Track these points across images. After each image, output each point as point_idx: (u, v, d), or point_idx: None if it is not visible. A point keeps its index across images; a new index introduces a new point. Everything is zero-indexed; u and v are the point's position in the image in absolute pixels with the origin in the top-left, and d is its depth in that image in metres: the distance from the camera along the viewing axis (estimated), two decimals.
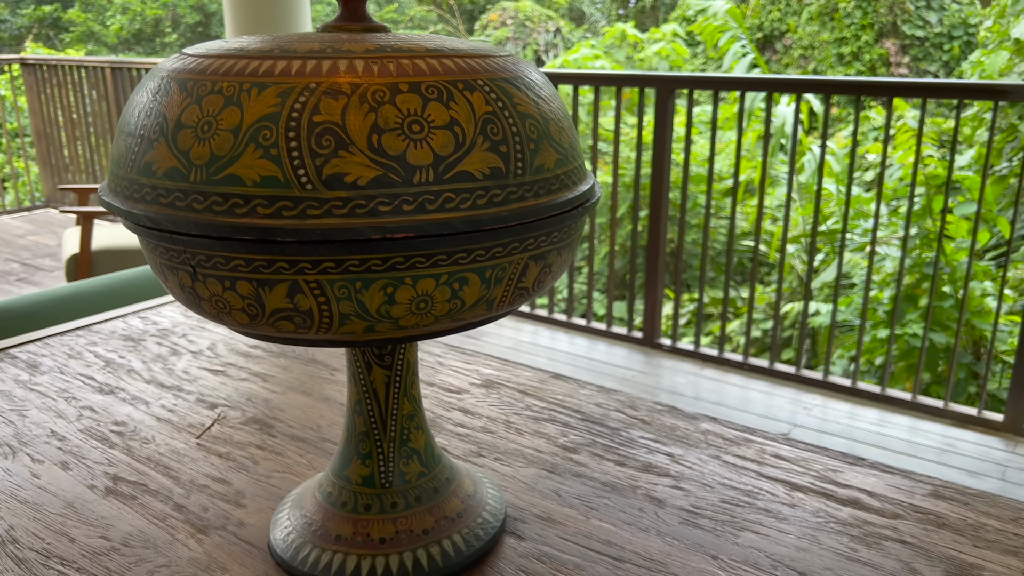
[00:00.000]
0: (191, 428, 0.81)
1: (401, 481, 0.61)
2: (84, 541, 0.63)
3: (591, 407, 0.86)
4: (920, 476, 0.72)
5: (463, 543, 0.61)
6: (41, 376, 0.93)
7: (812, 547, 0.62)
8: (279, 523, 0.63)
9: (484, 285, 0.48)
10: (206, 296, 0.47)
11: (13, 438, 0.79)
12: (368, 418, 0.60)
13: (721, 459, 0.75)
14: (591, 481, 0.72)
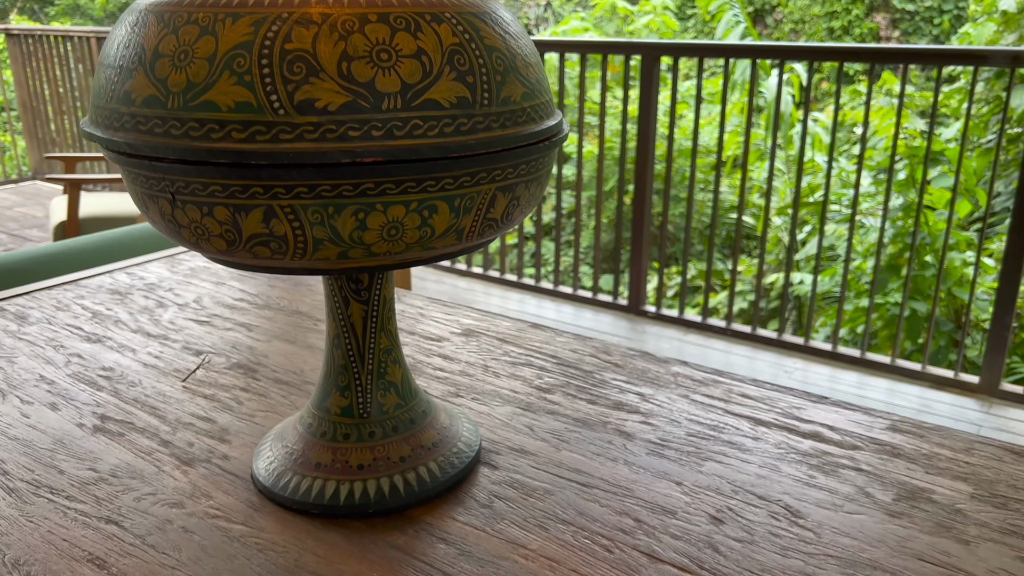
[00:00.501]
0: (177, 373, 0.84)
1: (378, 412, 0.63)
2: (73, 473, 0.66)
3: (567, 353, 0.89)
4: (879, 412, 0.75)
5: (438, 470, 0.63)
6: (30, 327, 0.95)
7: (772, 475, 0.65)
8: (261, 454, 0.66)
9: (453, 214, 0.50)
10: (185, 223, 0.49)
11: (2, 382, 0.81)
12: (346, 351, 0.62)
13: (689, 398, 0.78)
14: (563, 418, 0.75)
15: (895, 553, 0.56)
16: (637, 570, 0.54)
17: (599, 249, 3.58)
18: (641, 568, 0.54)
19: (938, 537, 0.58)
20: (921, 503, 0.61)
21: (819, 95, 7.65)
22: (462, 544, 0.57)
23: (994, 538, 0.57)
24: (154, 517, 0.60)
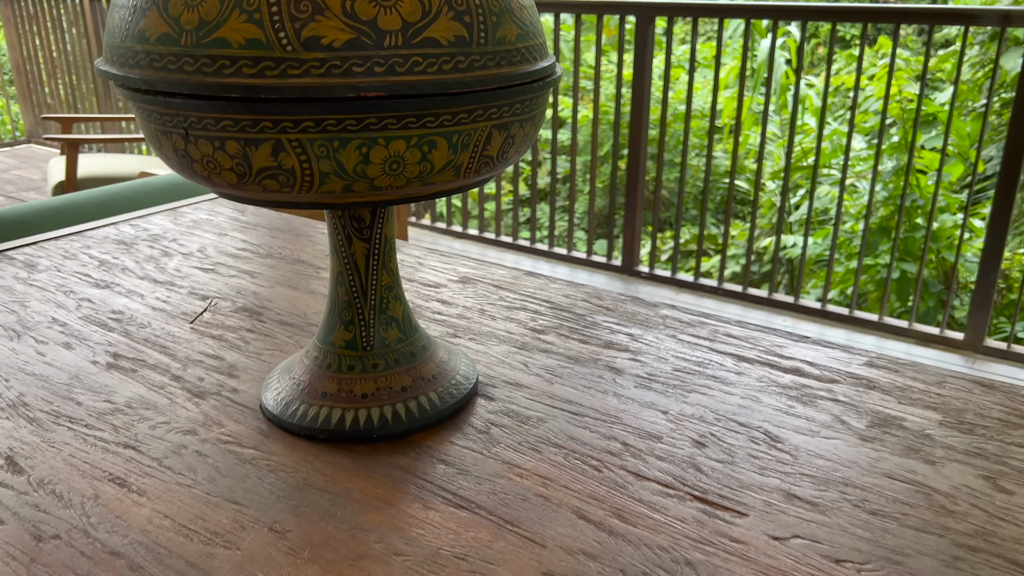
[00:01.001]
0: (184, 316, 0.87)
1: (381, 345, 0.66)
2: (90, 404, 0.69)
3: (560, 298, 0.92)
4: (858, 350, 0.79)
5: (438, 399, 0.67)
6: (39, 274, 0.98)
7: (753, 405, 0.69)
8: (269, 386, 0.69)
9: (451, 150, 0.53)
10: (198, 158, 0.52)
11: (17, 324, 0.84)
12: (350, 288, 0.66)
13: (677, 337, 0.82)
14: (556, 355, 0.78)
15: (866, 472, 0.60)
16: (624, 487, 0.58)
17: (593, 215, 3.61)
18: (628, 485, 0.58)
19: (906, 458, 0.61)
20: (892, 429, 0.65)
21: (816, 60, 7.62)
22: (460, 465, 0.61)
23: (959, 459, 0.61)
24: (169, 443, 0.64)
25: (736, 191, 5.22)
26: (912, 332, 2.40)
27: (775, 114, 5.12)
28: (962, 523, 0.54)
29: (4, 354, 0.78)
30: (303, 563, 0.51)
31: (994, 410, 0.68)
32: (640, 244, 3.19)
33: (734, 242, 4.80)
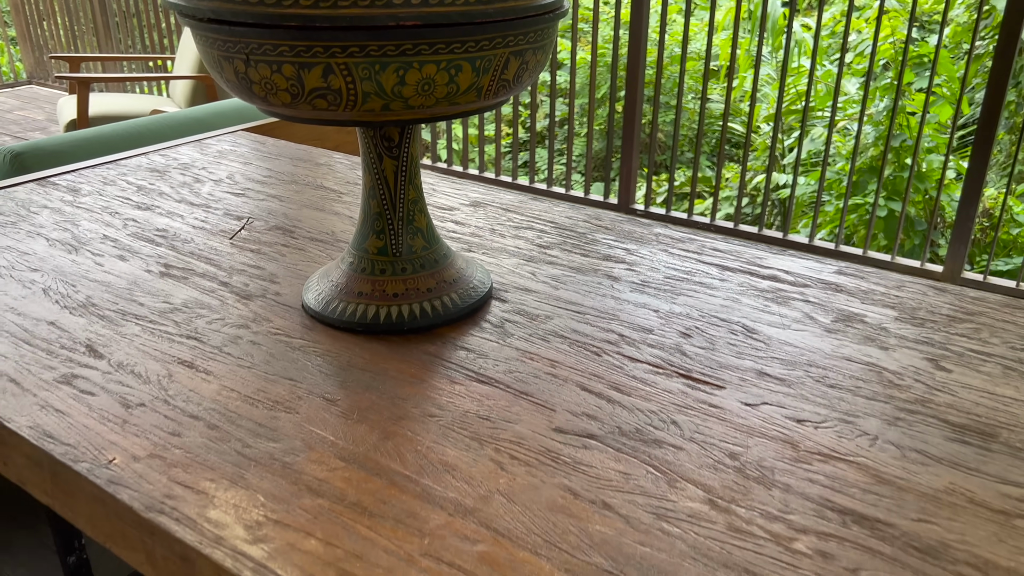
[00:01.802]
0: (223, 233, 0.96)
1: (408, 252, 0.76)
2: (151, 305, 0.79)
3: (563, 219, 1.01)
4: (829, 260, 0.88)
5: (459, 299, 0.76)
6: (84, 198, 1.06)
7: (734, 304, 0.79)
8: (310, 289, 0.79)
9: (474, 73, 0.61)
10: (256, 80, 0.60)
11: (73, 240, 0.93)
12: (381, 201, 0.74)
13: (668, 251, 0.91)
14: (560, 266, 0.87)
15: (828, 356, 0.70)
16: (620, 367, 0.68)
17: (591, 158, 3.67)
18: (623, 366, 0.68)
19: (864, 345, 0.71)
20: (854, 323, 0.75)
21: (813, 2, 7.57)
22: (479, 351, 0.71)
23: (908, 346, 0.71)
24: (226, 335, 0.73)
25: (732, 134, 5.27)
26: (894, 265, 2.50)
27: (770, 56, 5.13)
28: (905, 393, 0.64)
29: (66, 264, 0.87)
30: (353, 423, 0.61)
31: (943, 308, 0.78)
32: (636, 186, 3.27)
33: (728, 184, 4.87)
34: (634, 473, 0.55)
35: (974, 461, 0.56)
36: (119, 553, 0.57)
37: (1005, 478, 0.55)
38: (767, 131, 4.80)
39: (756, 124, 5.13)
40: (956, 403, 0.63)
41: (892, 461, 0.56)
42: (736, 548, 0.49)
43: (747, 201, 4.82)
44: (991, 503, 0.52)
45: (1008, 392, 0.64)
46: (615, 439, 0.59)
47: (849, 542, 0.49)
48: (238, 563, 0.48)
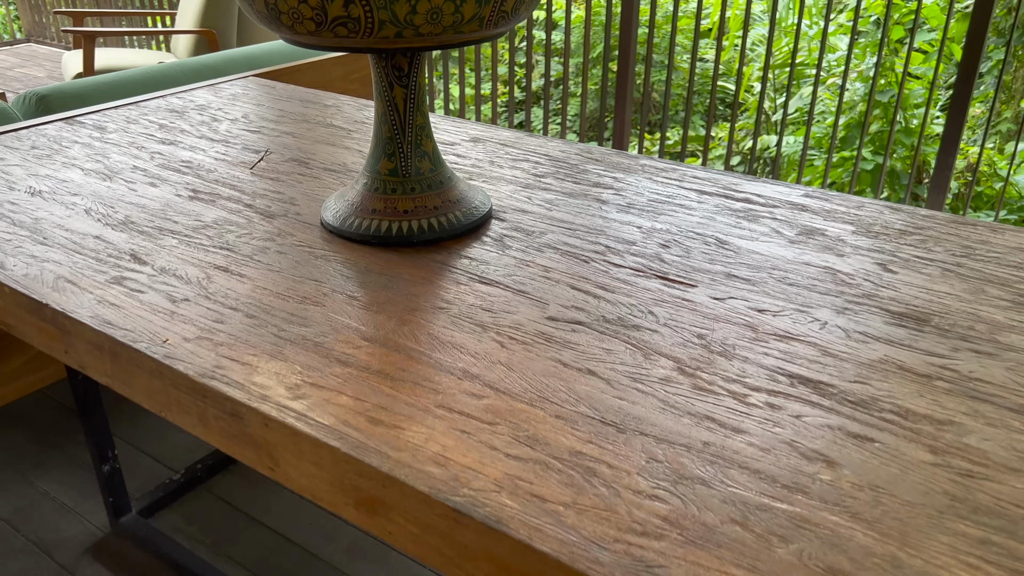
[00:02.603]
0: (244, 164, 1.04)
1: (417, 173, 0.84)
2: (184, 222, 0.87)
3: (557, 152, 1.10)
4: (799, 186, 0.97)
5: (462, 216, 0.85)
6: (111, 135, 1.14)
7: (709, 222, 0.88)
8: (327, 208, 0.87)
9: (477, 4, 0.69)
10: (285, 10, 0.68)
11: (106, 169, 1.01)
12: (392, 126, 0.83)
13: (652, 179, 1.00)
14: (554, 192, 0.96)
15: (790, 262, 0.79)
16: (606, 271, 0.77)
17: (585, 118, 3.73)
18: (609, 270, 0.77)
19: (822, 253, 0.80)
20: (815, 236, 0.84)
21: None
22: (481, 260, 0.79)
23: (862, 253, 0.80)
24: (255, 246, 0.82)
25: (725, 93, 5.32)
26: None
27: (762, 15, 5.16)
28: (855, 289, 0.74)
29: (103, 190, 0.95)
30: (373, 313, 0.70)
31: (897, 224, 0.87)
32: (629, 145, 3.33)
33: (721, 143, 4.93)
34: (615, 349, 0.64)
35: (908, 340, 0.66)
36: (173, 419, 0.66)
37: (932, 351, 0.64)
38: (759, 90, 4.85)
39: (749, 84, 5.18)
40: (898, 297, 0.72)
41: (838, 340, 0.66)
42: (699, 402, 0.58)
43: (738, 160, 4.89)
44: (917, 369, 0.62)
45: (944, 288, 0.73)
46: (599, 325, 0.68)
47: (795, 397, 0.58)
48: (282, 413, 0.57)
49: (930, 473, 0.51)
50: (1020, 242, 0.82)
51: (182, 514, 1.28)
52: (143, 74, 1.40)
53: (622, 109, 3.25)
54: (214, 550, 1.21)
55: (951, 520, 0.48)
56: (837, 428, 0.55)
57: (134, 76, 1.39)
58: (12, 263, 0.78)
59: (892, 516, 0.48)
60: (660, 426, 0.56)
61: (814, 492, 0.50)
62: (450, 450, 0.53)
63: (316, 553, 1.21)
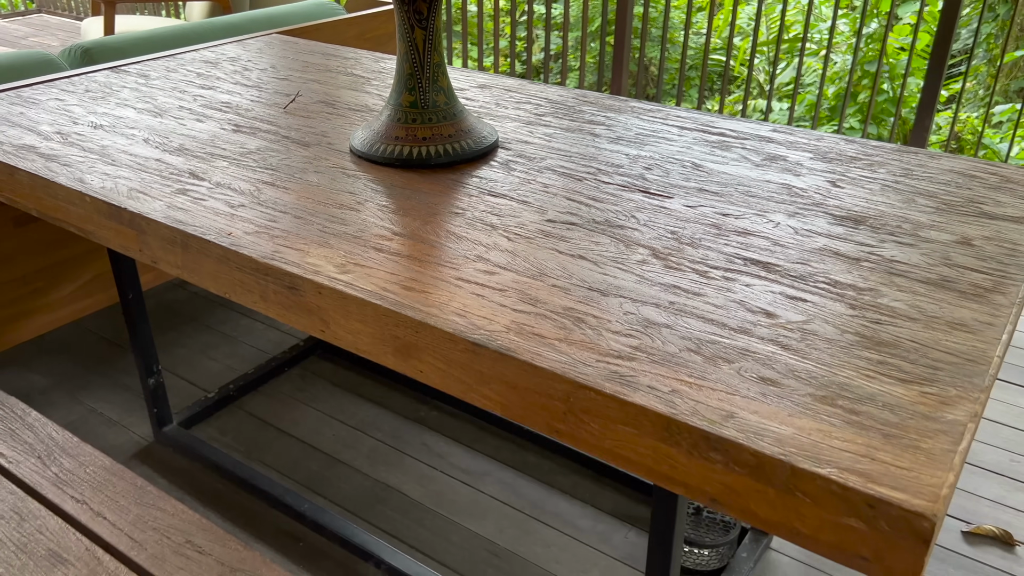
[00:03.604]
0: (276, 104, 1.17)
1: (433, 105, 0.97)
2: (231, 149, 1.00)
3: (555, 96, 1.23)
4: (767, 123, 1.10)
5: (473, 143, 0.98)
6: (154, 81, 1.27)
7: (687, 151, 1.01)
8: (355, 136, 1.00)
9: None
10: None
11: (155, 109, 1.14)
12: (412, 64, 0.96)
13: (640, 118, 1.13)
14: (553, 128, 1.09)
15: (754, 180, 0.92)
16: (596, 187, 0.90)
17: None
18: (599, 186, 0.90)
19: (782, 174, 0.94)
20: (778, 161, 0.97)
21: None
22: (490, 179, 0.93)
23: (816, 174, 0.94)
24: (294, 167, 0.95)
25: (720, 66, 5.42)
26: None
27: None
28: (806, 199, 0.87)
29: (156, 124, 1.08)
30: (400, 215, 0.83)
31: (850, 152, 1.00)
32: None
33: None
34: (602, 242, 0.78)
35: (845, 235, 0.79)
36: (236, 298, 0.80)
37: (863, 243, 0.77)
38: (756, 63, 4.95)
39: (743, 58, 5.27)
40: (841, 205, 0.86)
41: (786, 235, 0.79)
42: (668, 276, 0.72)
43: None
44: (849, 254, 0.75)
45: (881, 199, 0.87)
46: (590, 225, 0.81)
47: (747, 273, 0.72)
48: (333, 282, 0.71)
49: (847, 320, 0.65)
50: (953, 166, 0.96)
51: (217, 427, 1.42)
52: (175, 31, 1.52)
53: (619, 83, 3.36)
54: (247, 456, 1.36)
55: (859, 349, 0.61)
56: (779, 293, 0.69)
57: (167, 32, 1.51)
58: (90, 179, 0.91)
59: (814, 347, 0.62)
60: (635, 291, 0.69)
61: (755, 333, 0.63)
62: (468, 307, 0.67)
63: (339, 458, 1.35)
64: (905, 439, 0.52)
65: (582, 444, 0.61)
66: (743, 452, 0.52)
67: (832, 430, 0.53)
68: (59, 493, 0.80)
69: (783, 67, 4.80)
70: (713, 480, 0.55)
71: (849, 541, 0.50)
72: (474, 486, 1.30)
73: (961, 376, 0.58)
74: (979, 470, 1.36)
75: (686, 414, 0.55)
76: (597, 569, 1.16)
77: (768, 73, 4.99)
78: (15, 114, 1.13)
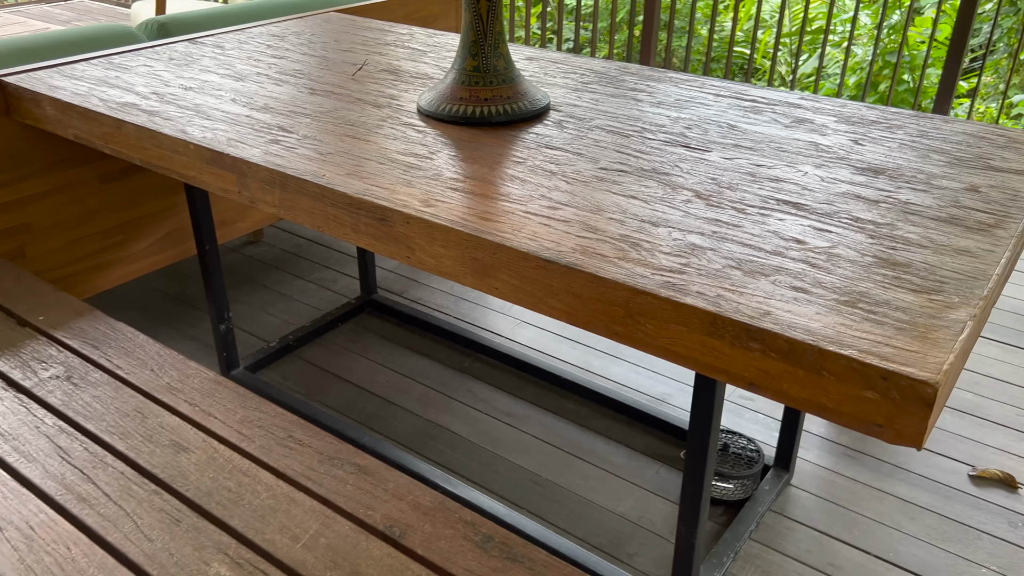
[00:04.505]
0: (345, 72, 1.28)
1: (494, 69, 1.08)
2: (311, 109, 1.11)
3: (599, 68, 1.33)
4: (796, 92, 1.20)
5: (529, 104, 1.09)
6: (230, 51, 1.39)
7: (722, 114, 1.11)
8: (423, 97, 1.11)
9: None
10: None
11: (236, 74, 1.26)
12: (476, 31, 1.06)
13: (678, 86, 1.23)
14: (598, 94, 1.20)
15: (784, 139, 1.02)
16: (642, 143, 1.01)
17: None
18: (644, 142, 1.01)
19: (809, 134, 1.04)
20: (805, 124, 1.07)
21: None
22: (545, 135, 1.03)
23: (840, 134, 1.04)
24: (371, 125, 1.06)
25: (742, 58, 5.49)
26: None
27: None
28: (831, 154, 0.97)
29: (239, 87, 1.20)
30: (469, 163, 0.94)
31: (871, 116, 1.10)
32: None
33: None
34: (650, 185, 0.88)
35: (865, 182, 0.89)
36: (329, 231, 0.91)
37: (881, 189, 0.88)
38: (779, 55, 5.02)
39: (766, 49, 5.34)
40: (863, 159, 0.96)
41: (813, 182, 0.89)
42: (710, 212, 0.82)
43: None
44: (869, 197, 0.85)
45: (899, 155, 0.97)
46: (639, 172, 0.92)
47: (779, 211, 0.82)
48: (420, 213, 0.82)
49: (867, 247, 0.75)
50: (964, 129, 1.05)
51: (279, 372, 1.54)
52: (239, 9, 1.64)
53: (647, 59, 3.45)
54: (308, 398, 1.47)
55: (876, 268, 0.72)
56: (807, 226, 0.79)
57: (235, 10, 1.62)
58: (191, 130, 1.03)
59: (838, 266, 0.72)
60: (682, 223, 0.80)
61: (787, 255, 0.74)
62: (538, 234, 0.78)
63: (392, 401, 1.47)
64: (914, 331, 0.63)
65: (638, 343, 0.71)
66: (778, 340, 0.63)
67: (853, 324, 0.64)
68: (173, 397, 0.91)
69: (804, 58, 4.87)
70: (751, 366, 0.65)
71: (866, 411, 0.61)
72: (517, 427, 1.41)
73: (963, 288, 0.69)
74: (986, 422, 1.46)
75: (730, 312, 0.65)
76: (631, 498, 1.27)
77: (790, 65, 5.06)
78: (111, 77, 1.25)
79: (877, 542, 1.23)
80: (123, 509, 0.76)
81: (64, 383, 0.93)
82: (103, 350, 1.00)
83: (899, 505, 1.29)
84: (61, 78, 1.26)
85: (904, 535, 1.24)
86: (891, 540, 1.23)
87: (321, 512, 0.76)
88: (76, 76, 1.27)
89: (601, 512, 1.25)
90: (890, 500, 1.30)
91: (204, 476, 0.80)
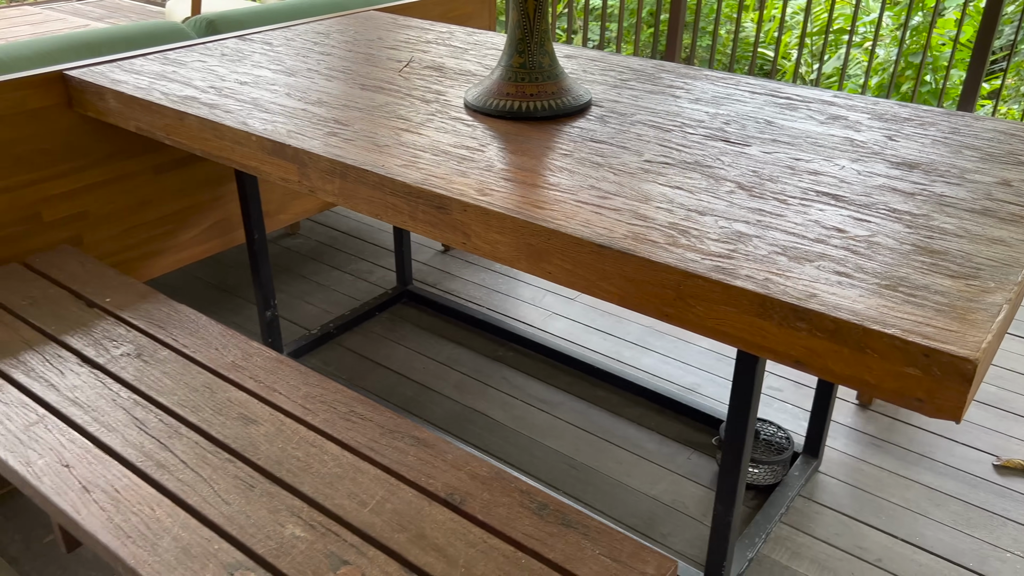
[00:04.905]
0: (392, 69, 1.33)
1: (539, 66, 1.12)
2: (363, 103, 1.16)
3: (636, 66, 1.37)
4: (830, 91, 1.24)
5: (572, 100, 1.13)
6: (278, 47, 1.44)
7: (759, 111, 1.15)
8: (470, 92, 1.16)
9: None
10: None
11: (287, 70, 1.31)
12: (523, 30, 1.11)
13: (714, 84, 1.27)
14: (637, 91, 1.24)
15: (819, 135, 1.06)
16: (683, 137, 1.05)
17: None
18: (685, 136, 1.05)
19: (844, 130, 1.08)
20: (840, 120, 1.11)
21: None
22: (589, 129, 1.08)
23: (874, 130, 1.07)
24: (422, 119, 1.11)
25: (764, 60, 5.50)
26: None
27: None
28: (867, 150, 1.01)
29: (291, 82, 1.25)
30: (517, 155, 0.98)
31: (903, 114, 1.14)
32: None
33: None
34: (694, 177, 0.93)
35: (900, 176, 0.93)
36: (387, 219, 0.96)
37: (916, 182, 0.91)
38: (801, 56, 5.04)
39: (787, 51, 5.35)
40: (897, 154, 0.99)
41: (851, 175, 0.93)
42: (753, 202, 0.86)
43: None
44: (904, 190, 0.89)
45: (932, 151, 1.01)
46: (682, 165, 0.96)
47: (818, 202, 0.86)
48: (477, 201, 0.86)
49: (905, 235, 0.79)
50: (995, 127, 1.09)
51: (320, 358, 1.60)
52: (286, 7, 1.69)
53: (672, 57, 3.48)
54: (349, 383, 1.53)
55: (915, 255, 0.76)
56: (847, 216, 0.83)
57: (279, 8, 1.68)
58: (252, 123, 1.08)
59: (878, 253, 0.76)
60: (727, 212, 0.84)
61: (829, 243, 0.78)
62: (590, 221, 0.82)
63: (430, 387, 1.52)
64: (953, 313, 0.67)
65: (688, 324, 0.76)
66: (824, 320, 0.67)
67: (895, 306, 0.68)
68: (238, 374, 0.96)
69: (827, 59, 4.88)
70: (797, 345, 0.70)
71: (908, 386, 0.65)
72: (551, 412, 1.46)
73: (999, 275, 0.73)
74: (1010, 414, 1.49)
75: (778, 294, 0.70)
76: (664, 482, 1.31)
77: (810, 65, 5.08)
78: (169, 72, 1.31)
79: (904, 527, 1.26)
80: (200, 475, 0.81)
81: (135, 360, 0.99)
82: (168, 330, 1.05)
83: (925, 492, 1.32)
84: (122, 72, 1.31)
85: (930, 520, 1.27)
86: (917, 525, 1.26)
87: (385, 480, 0.81)
88: (136, 71, 1.32)
89: (635, 495, 1.30)
90: (916, 487, 1.34)
91: (273, 446, 0.85)
